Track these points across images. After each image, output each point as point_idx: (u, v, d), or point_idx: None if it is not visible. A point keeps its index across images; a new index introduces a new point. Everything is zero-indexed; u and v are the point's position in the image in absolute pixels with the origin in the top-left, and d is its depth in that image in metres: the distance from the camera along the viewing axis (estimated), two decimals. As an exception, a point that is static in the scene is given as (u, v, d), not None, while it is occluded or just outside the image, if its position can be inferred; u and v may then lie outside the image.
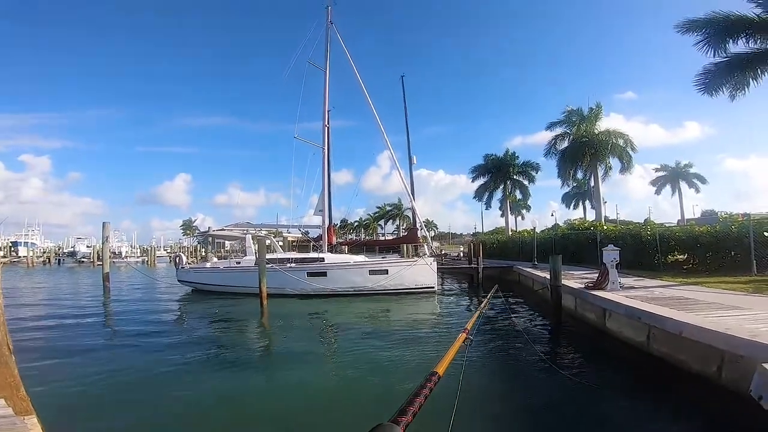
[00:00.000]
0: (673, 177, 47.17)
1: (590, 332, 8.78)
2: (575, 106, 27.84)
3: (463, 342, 2.88)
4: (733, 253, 10.82)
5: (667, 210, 55.36)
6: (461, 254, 33.63)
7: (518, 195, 41.27)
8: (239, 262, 18.25)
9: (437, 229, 76.69)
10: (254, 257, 17.37)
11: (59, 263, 59.81)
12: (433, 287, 16.77)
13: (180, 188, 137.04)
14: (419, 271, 16.50)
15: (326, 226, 19.26)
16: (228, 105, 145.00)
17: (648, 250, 12.98)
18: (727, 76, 14.03)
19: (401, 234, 48.43)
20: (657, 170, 48.98)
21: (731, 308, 6.13)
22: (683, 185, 46.75)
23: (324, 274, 16.53)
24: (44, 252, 66.71)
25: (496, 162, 38.56)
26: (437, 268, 17.81)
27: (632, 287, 9.50)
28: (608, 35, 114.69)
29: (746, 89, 14.06)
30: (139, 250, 68.30)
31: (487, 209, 42.74)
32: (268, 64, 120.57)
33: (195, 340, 9.56)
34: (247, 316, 13.05)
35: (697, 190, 46.67)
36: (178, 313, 14.58)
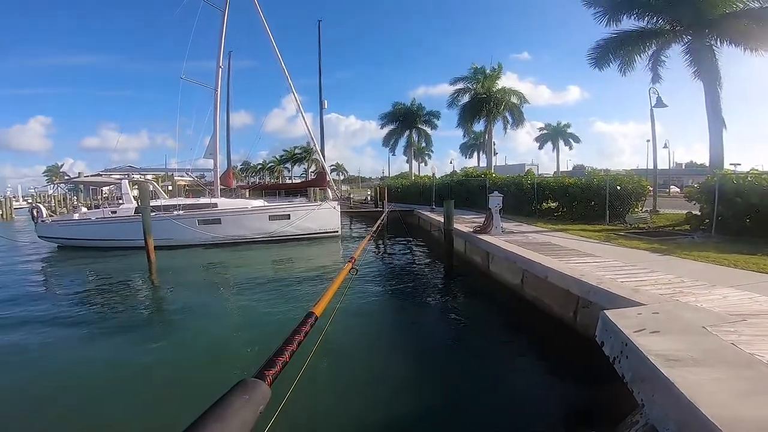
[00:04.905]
0: (554, 135, 55.12)
1: (477, 274, 9.49)
2: (479, 64, 29.85)
3: (349, 272, 2.63)
4: (593, 203, 12.17)
5: (546, 163, 64.60)
6: (368, 198, 34.27)
7: (422, 143, 44.22)
8: (115, 212, 15.81)
9: (347, 173, 76.46)
10: (132, 205, 15.27)
11: None
12: (337, 231, 16.73)
13: (36, 132, 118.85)
14: (323, 215, 16.22)
15: (218, 171, 17.57)
16: (99, 43, 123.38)
17: (527, 198, 14.46)
18: (617, 50, 15.28)
19: (310, 178, 47.25)
20: (541, 129, 56.84)
21: (587, 255, 6.83)
22: (561, 142, 55.03)
23: (218, 221, 15.26)
24: None
25: (404, 110, 40.17)
26: (345, 211, 17.61)
27: (512, 232, 10.34)
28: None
29: (633, 64, 15.54)
30: (-10, 204, 54.95)
31: (393, 155, 45.32)
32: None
33: (72, 307, 8.10)
34: (130, 272, 11.57)
35: (571, 147, 55.83)
36: (43, 276, 12.15)
